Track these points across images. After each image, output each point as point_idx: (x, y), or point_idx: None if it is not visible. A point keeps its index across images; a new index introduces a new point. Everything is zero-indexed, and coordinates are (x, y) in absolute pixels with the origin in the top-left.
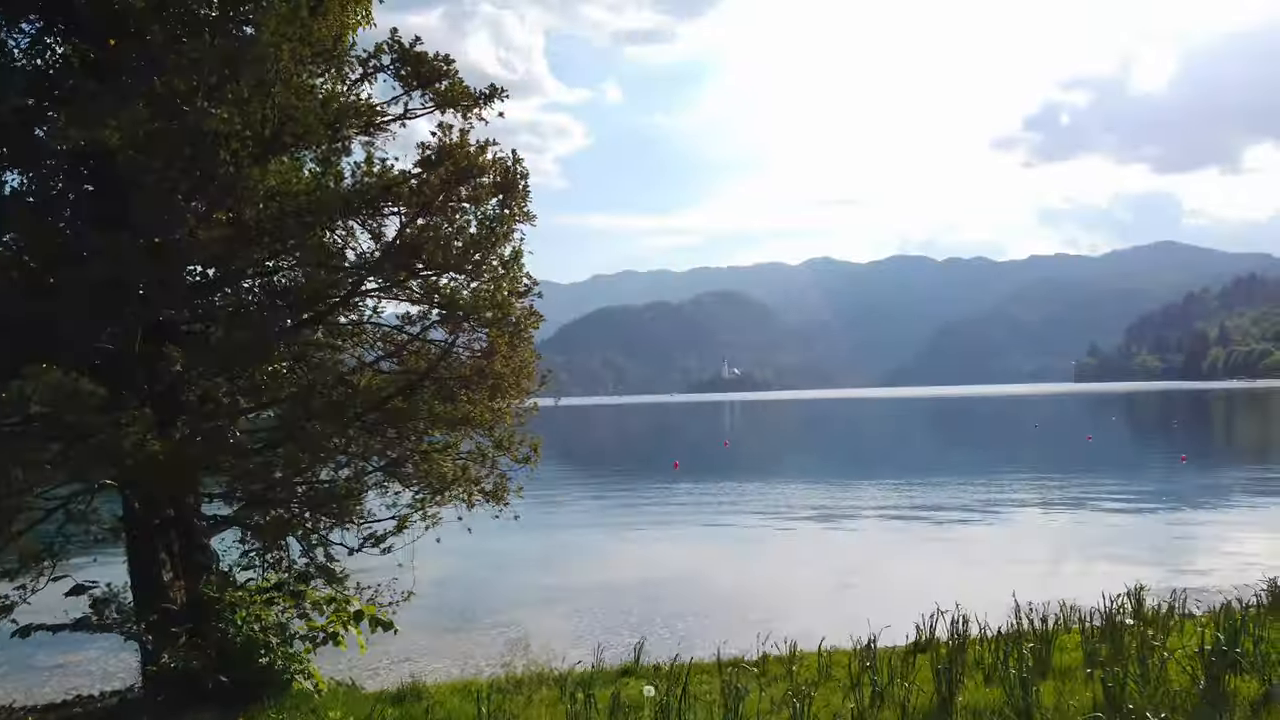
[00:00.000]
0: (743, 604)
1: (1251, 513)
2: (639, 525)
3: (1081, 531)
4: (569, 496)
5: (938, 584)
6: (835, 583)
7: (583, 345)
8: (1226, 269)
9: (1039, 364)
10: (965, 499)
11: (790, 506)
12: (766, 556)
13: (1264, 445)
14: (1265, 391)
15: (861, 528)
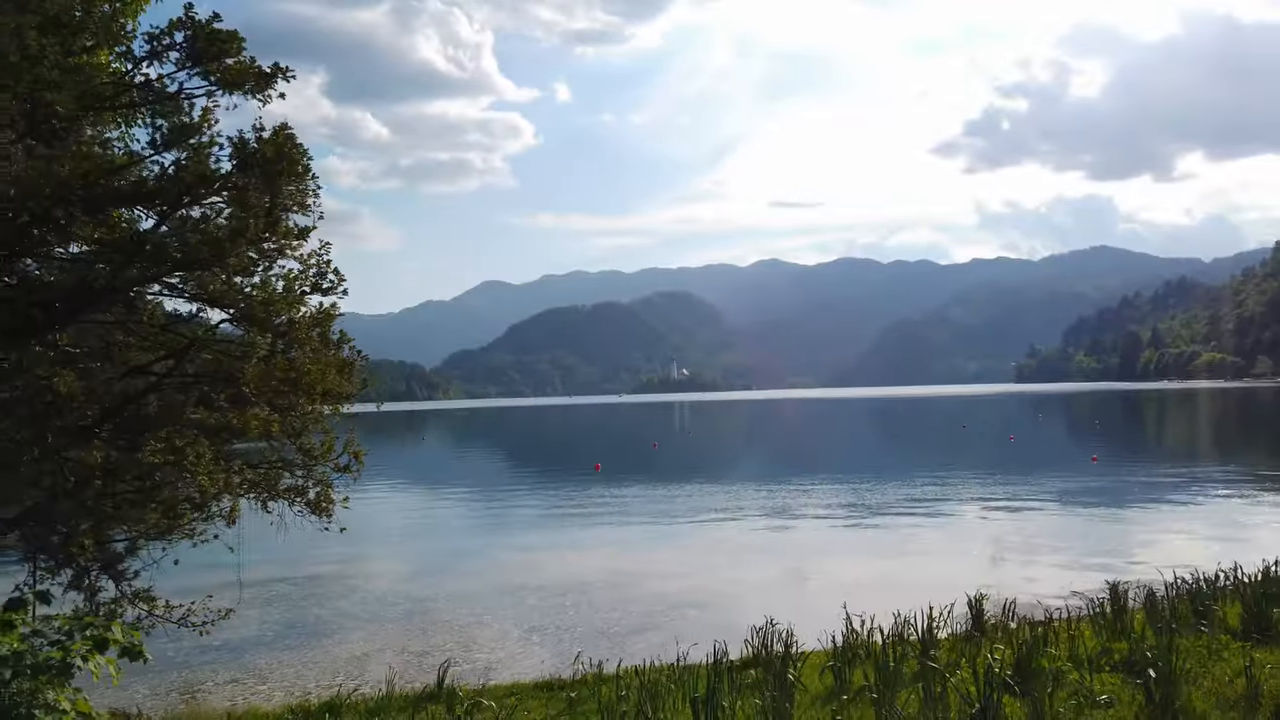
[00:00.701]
0: (608, 618)
1: (1141, 512)
2: (536, 530)
3: (966, 534)
4: (476, 501)
5: (784, 594)
6: (704, 592)
7: (532, 345)
8: (1159, 273)
9: (981, 365)
10: (867, 501)
11: (694, 510)
12: (651, 565)
13: (1176, 446)
14: (1193, 392)
15: (749, 532)
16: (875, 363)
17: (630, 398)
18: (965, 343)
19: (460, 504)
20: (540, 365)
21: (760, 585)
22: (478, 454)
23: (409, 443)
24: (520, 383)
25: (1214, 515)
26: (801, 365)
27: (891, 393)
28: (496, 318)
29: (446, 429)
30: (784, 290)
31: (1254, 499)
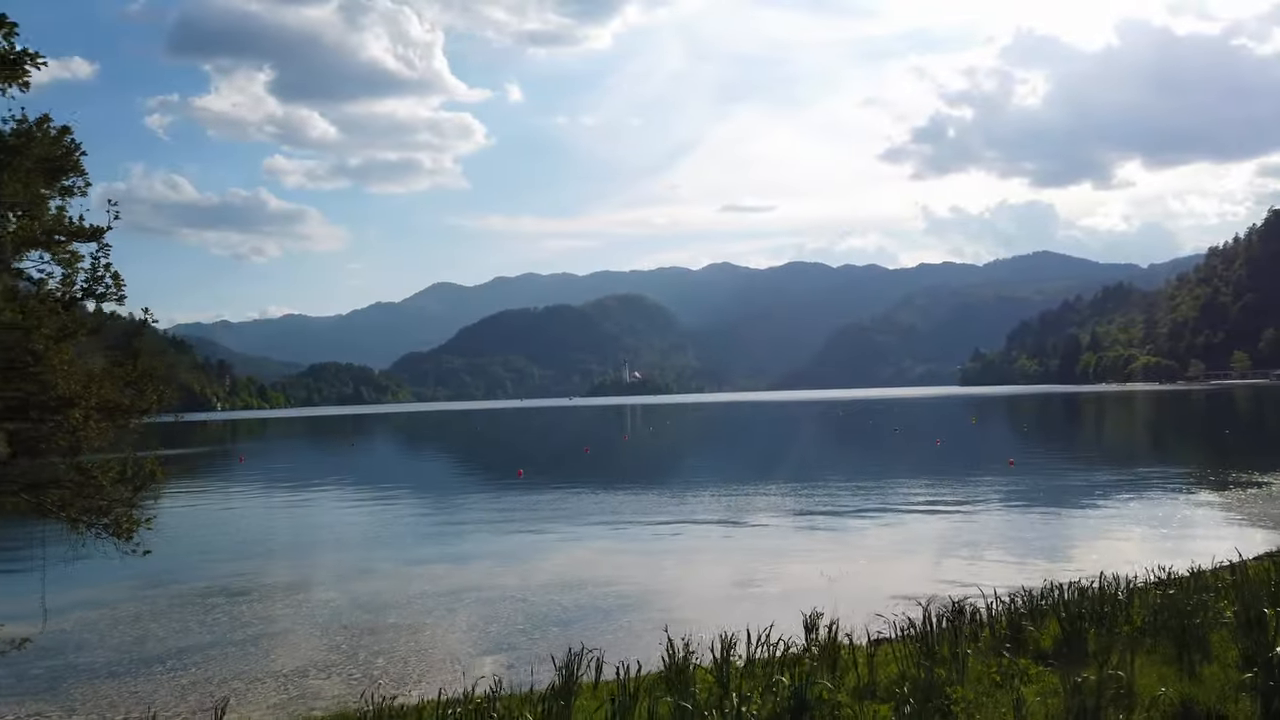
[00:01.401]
0: (453, 640)
1: (1034, 519)
2: (425, 542)
3: (851, 542)
4: (374, 509)
5: (677, 604)
6: (588, 605)
7: (483, 348)
8: (1098, 278)
9: (928, 368)
10: (771, 506)
11: (599, 515)
12: (555, 576)
13: (1095, 449)
14: (1128, 394)
15: (647, 539)
16: (825, 365)
17: (582, 401)
18: (913, 346)
19: (357, 513)
20: (492, 368)
21: (626, 597)
22: (402, 459)
23: (334, 449)
24: (471, 386)
25: (1106, 522)
26: (753, 368)
27: (840, 395)
28: (447, 320)
29: (383, 433)
30: (736, 293)
31: (1154, 503)
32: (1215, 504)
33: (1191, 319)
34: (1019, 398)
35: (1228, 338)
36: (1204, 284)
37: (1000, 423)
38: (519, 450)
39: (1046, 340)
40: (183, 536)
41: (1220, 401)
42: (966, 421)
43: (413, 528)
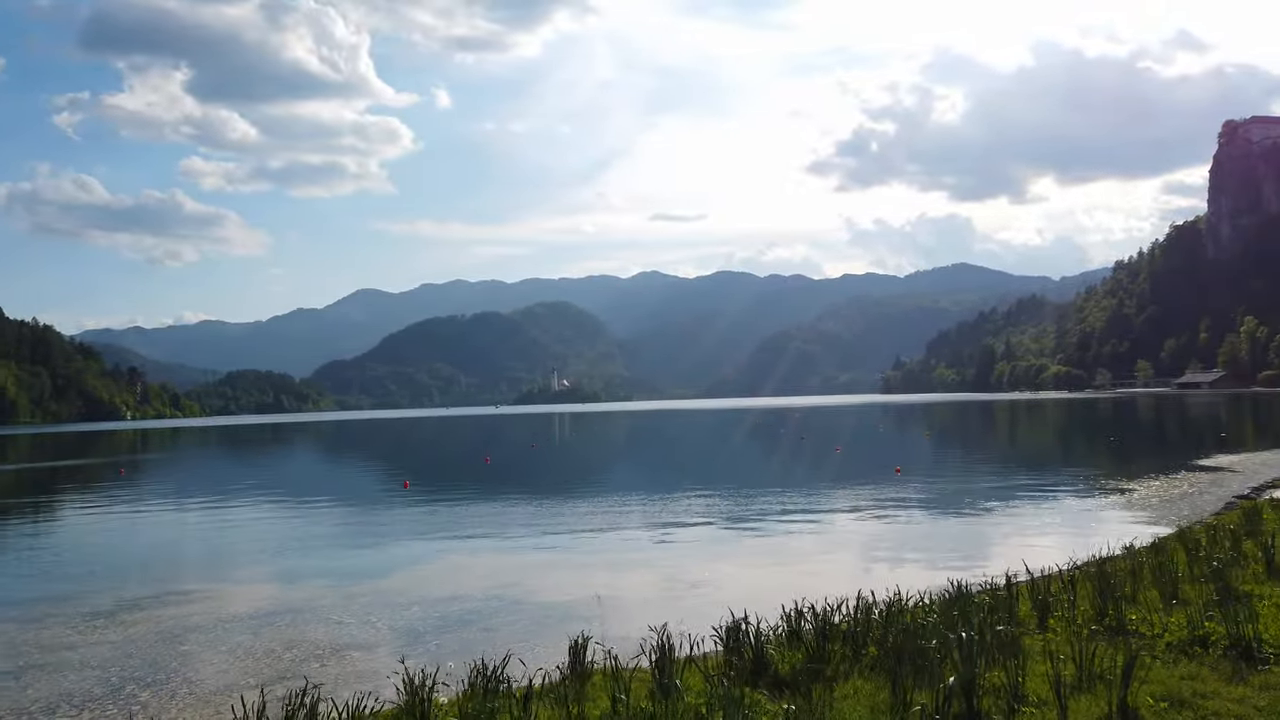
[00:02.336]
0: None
1: (898, 528)
2: (282, 556)
3: (720, 551)
4: (246, 522)
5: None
6: (422, 619)
7: (409, 355)
8: (1013, 290)
9: (852, 375)
10: (647, 517)
11: (475, 529)
12: (375, 595)
13: (988, 456)
14: (1037, 402)
15: (512, 550)
16: (752, 373)
17: (508, 409)
18: (837, 354)
19: (223, 526)
20: (418, 376)
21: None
22: (292, 470)
23: (230, 460)
24: (396, 394)
25: (959, 530)
26: (682, 376)
27: (765, 403)
28: (372, 327)
29: (289, 443)
30: (664, 302)
31: (1012, 512)
32: (1072, 510)
33: (1099, 329)
34: (932, 405)
35: (1132, 348)
36: (1110, 296)
37: (905, 430)
38: (420, 460)
39: (963, 349)
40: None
41: (1120, 409)
42: (874, 429)
43: (280, 543)
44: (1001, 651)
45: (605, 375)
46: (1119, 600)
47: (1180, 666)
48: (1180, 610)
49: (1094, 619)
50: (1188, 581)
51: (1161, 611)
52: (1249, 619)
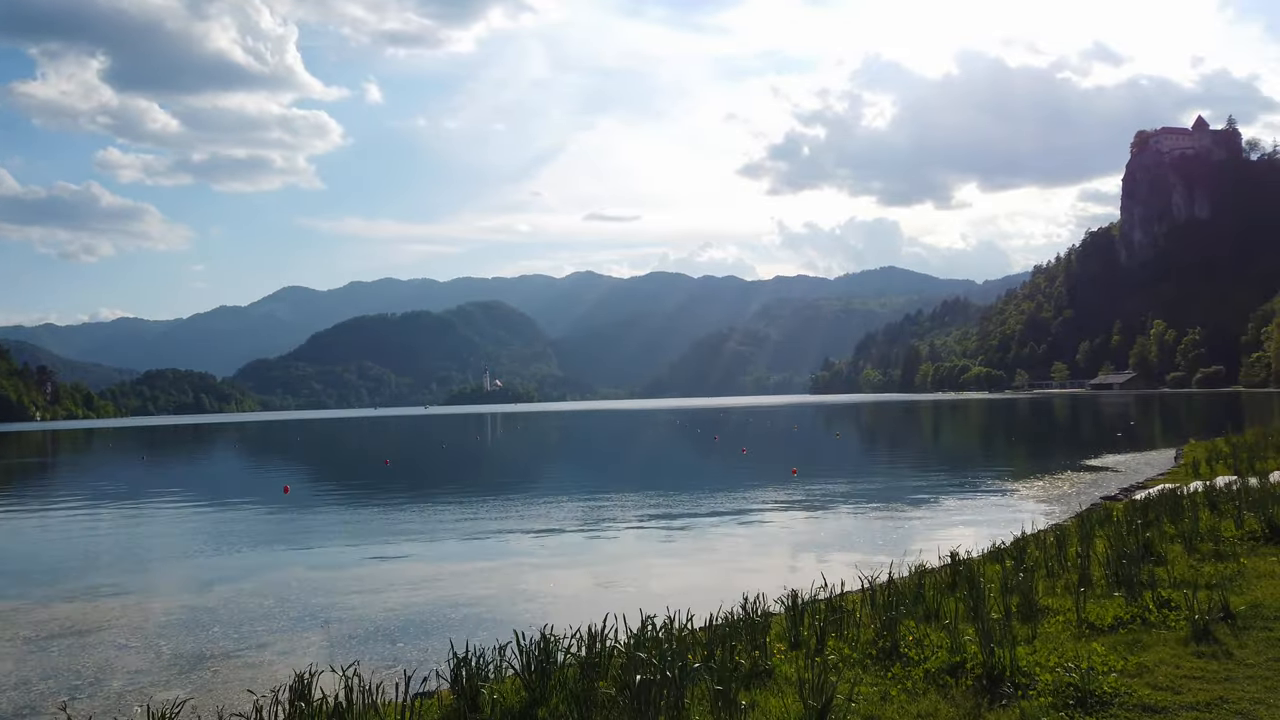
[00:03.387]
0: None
1: (774, 531)
2: (143, 567)
3: (601, 554)
4: (86, 531)
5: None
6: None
7: (337, 354)
8: (938, 293)
9: (782, 376)
10: (527, 520)
11: (347, 537)
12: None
13: (890, 456)
14: (962, 402)
15: (349, 559)
16: (685, 374)
17: (438, 409)
18: (768, 355)
19: (69, 536)
20: (346, 376)
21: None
22: (180, 474)
23: (122, 463)
24: (323, 394)
25: (835, 535)
26: (615, 376)
27: (696, 403)
28: (298, 326)
29: (191, 444)
30: (599, 302)
31: (891, 513)
32: (941, 513)
33: (1018, 332)
34: (855, 406)
35: (1049, 349)
36: (1029, 300)
37: (820, 430)
38: (318, 462)
39: (890, 351)
40: None
41: (1035, 409)
42: (790, 430)
43: (142, 551)
44: (746, 684)
45: (538, 375)
46: (894, 620)
47: (923, 700)
48: (942, 631)
49: (872, 640)
50: (997, 594)
51: (942, 631)
52: (1006, 642)
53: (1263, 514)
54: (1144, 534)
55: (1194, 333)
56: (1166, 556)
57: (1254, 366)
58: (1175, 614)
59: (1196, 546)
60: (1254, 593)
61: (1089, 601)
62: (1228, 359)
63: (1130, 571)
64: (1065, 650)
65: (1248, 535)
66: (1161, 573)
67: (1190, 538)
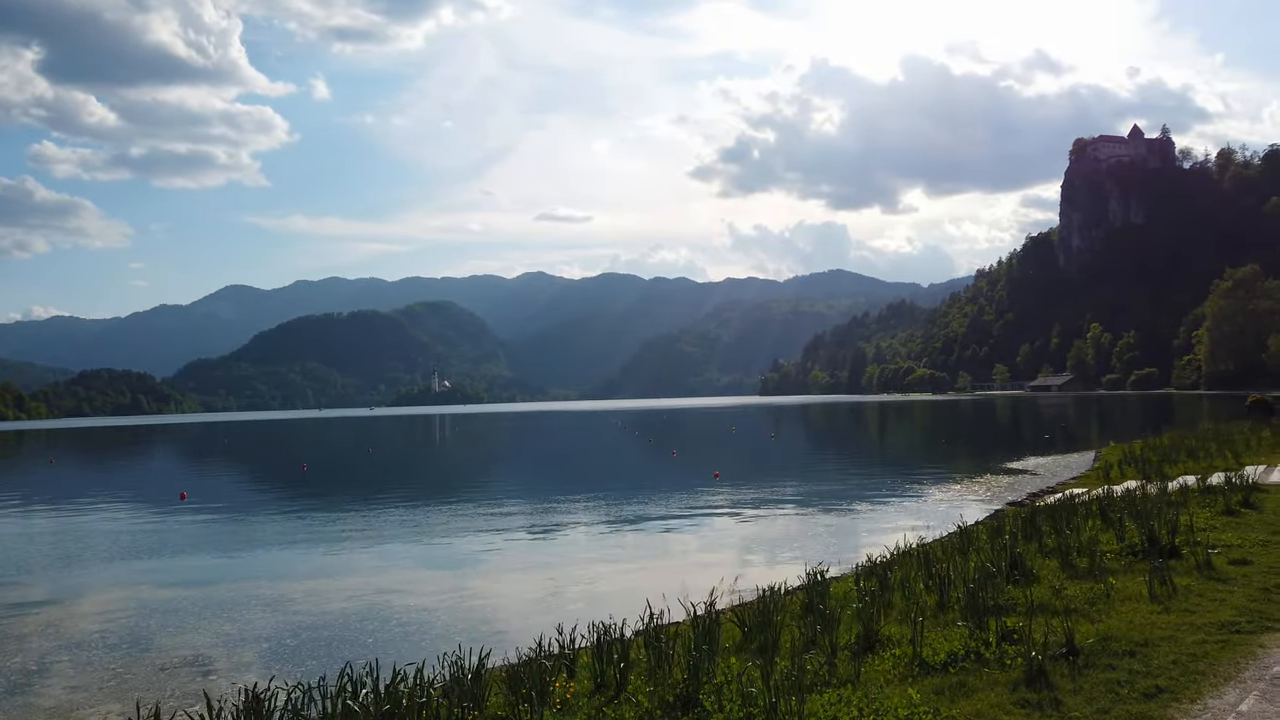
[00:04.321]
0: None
1: (672, 538)
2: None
3: (517, 562)
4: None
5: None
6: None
7: (281, 355)
8: (884, 295)
9: (732, 378)
10: (431, 527)
11: (239, 546)
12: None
13: (812, 461)
14: (904, 404)
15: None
16: (635, 375)
17: (384, 410)
18: (718, 356)
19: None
20: (290, 376)
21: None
22: (85, 477)
23: (26, 468)
24: (267, 395)
25: (729, 545)
26: (566, 377)
27: (646, 404)
28: (242, 325)
29: (112, 448)
30: (550, 303)
31: (800, 520)
32: (849, 519)
33: (961, 335)
34: (799, 407)
35: (991, 352)
36: (972, 303)
37: (757, 431)
38: (231, 466)
39: (838, 353)
40: None
41: (974, 410)
42: (728, 431)
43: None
44: None
45: (488, 376)
46: (703, 659)
47: None
48: (758, 670)
49: (679, 683)
50: (850, 620)
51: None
52: (818, 683)
53: (1144, 526)
54: (1016, 548)
55: (1129, 336)
56: (1038, 573)
57: (1185, 369)
58: (1016, 648)
59: (1073, 561)
60: (1111, 620)
61: (932, 632)
62: (1161, 361)
63: (980, 595)
64: (877, 700)
65: (1127, 550)
66: (1019, 594)
67: (1067, 551)
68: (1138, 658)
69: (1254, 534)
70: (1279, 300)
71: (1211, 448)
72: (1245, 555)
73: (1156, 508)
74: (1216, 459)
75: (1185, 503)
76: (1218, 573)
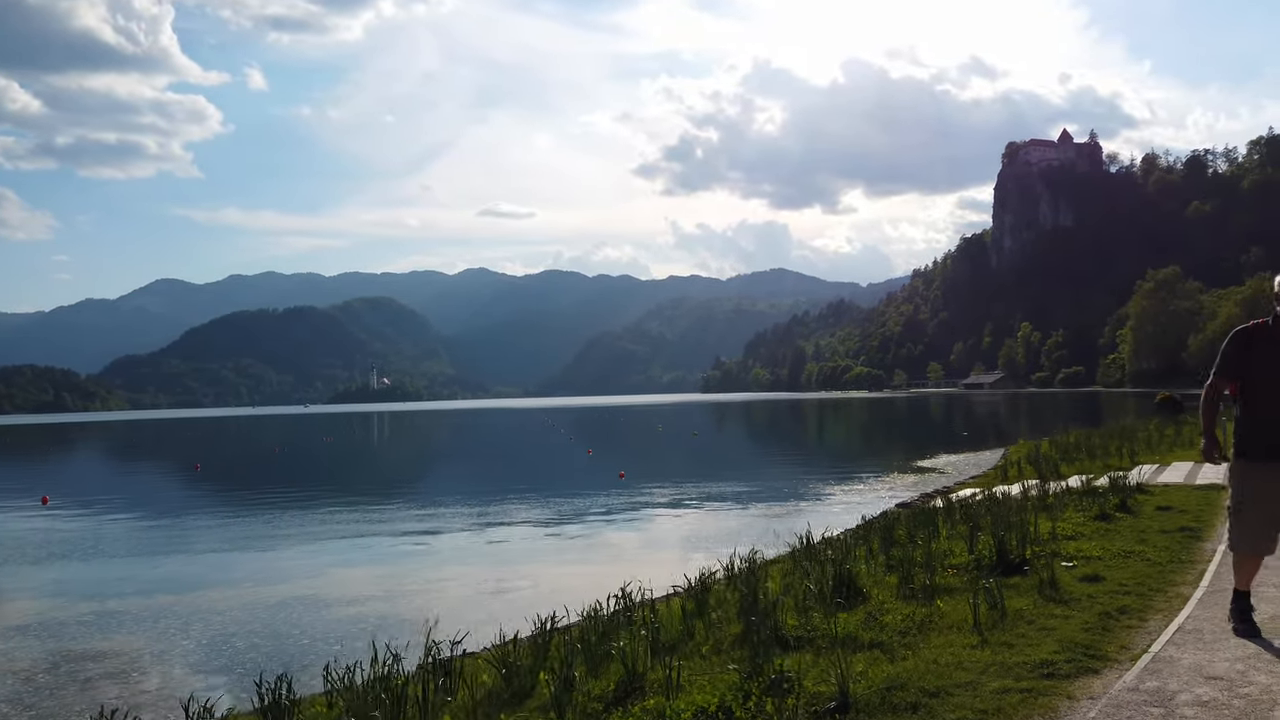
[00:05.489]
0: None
1: (558, 544)
2: None
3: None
4: None
5: None
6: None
7: (214, 351)
8: (824, 294)
9: (674, 375)
10: (307, 529)
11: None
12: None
13: (723, 460)
14: (843, 401)
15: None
16: (578, 373)
17: (318, 408)
18: (661, 354)
19: None
20: (223, 373)
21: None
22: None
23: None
24: (199, 392)
25: (609, 551)
26: (508, 375)
27: (583, 402)
28: (173, 320)
29: (10, 448)
30: (493, 300)
31: (686, 524)
32: (735, 521)
33: (897, 333)
34: (736, 405)
35: (926, 350)
36: (908, 302)
37: (681, 431)
38: (115, 466)
39: (778, 351)
40: None
41: (907, 407)
42: (654, 430)
43: None
44: None
45: (429, 374)
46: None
47: None
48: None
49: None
50: (644, 652)
51: None
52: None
53: (995, 536)
54: (847, 564)
55: (1057, 335)
56: (869, 592)
57: (1110, 367)
58: (785, 701)
59: (913, 576)
60: (921, 655)
61: (702, 676)
62: (1088, 360)
63: (763, 627)
64: None
65: (973, 563)
66: (821, 623)
67: (909, 565)
68: (920, 713)
69: (1119, 543)
70: (1198, 301)
71: (1112, 446)
72: (1100, 570)
73: (1019, 513)
74: (1113, 458)
75: (1061, 506)
76: (1061, 592)
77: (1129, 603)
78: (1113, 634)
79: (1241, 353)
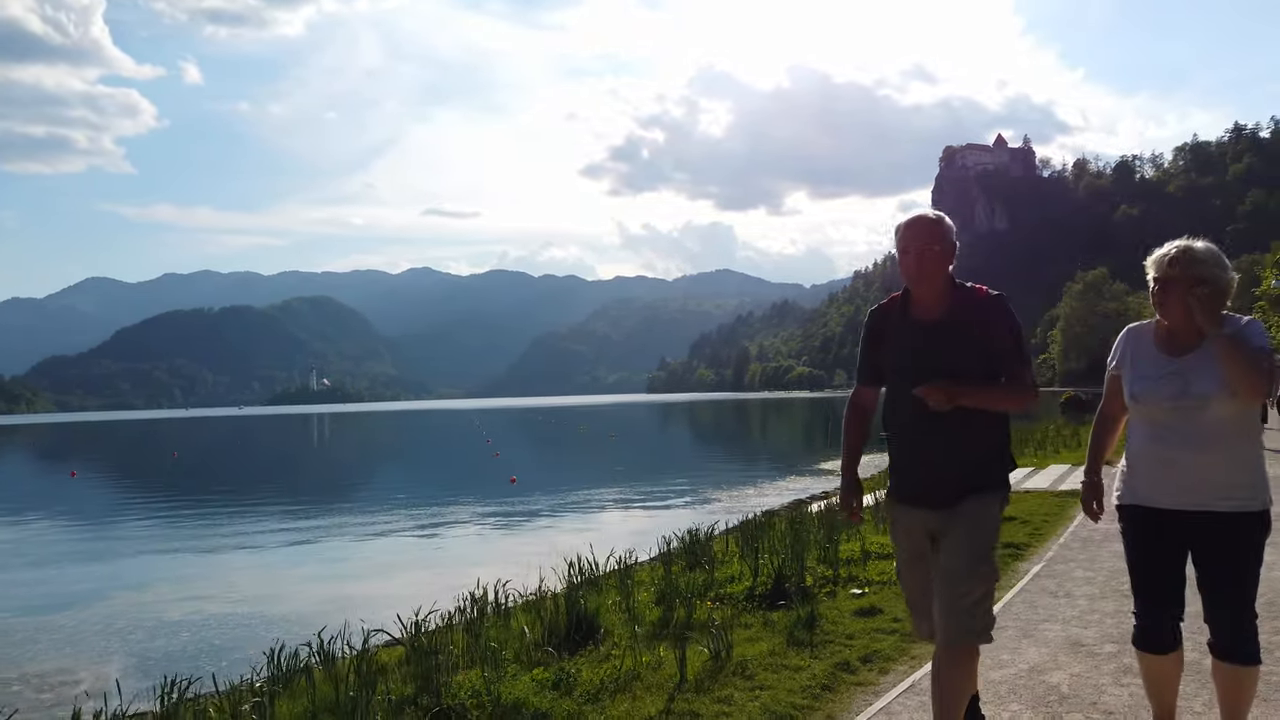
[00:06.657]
0: None
1: (444, 545)
2: None
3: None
4: None
5: None
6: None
7: (147, 352)
8: (769, 295)
9: (620, 376)
10: (175, 537)
11: None
12: None
13: (629, 463)
14: (784, 401)
15: None
16: (523, 373)
17: (253, 410)
18: (606, 354)
19: None
20: (156, 374)
21: None
22: None
23: None
24: (130, 394)
25: (459, 559)
26: (452, 375)
27: (522, 403)
28: (103, 320)
29: None
30: (436, 300)
31: (561, 528)
32: (612, 522)
33: (838, 334)
34: (672, 405)
35: None
36: (849, 303)
37: (602, 433)
38: (27, 472)
39: (723, 351)
40: None
41: (844, 407)
42: (575, 431)
43: None
44: None
45: (370, 374)
46: None
47: None
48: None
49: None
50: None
51: None
52: None
53: (778, 558)
54: (580, 599)
55: None
56: (607, 631)
57: (1041, 368)
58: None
59: (674, 611)
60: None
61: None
62: None
63: (437, 680)
64: None
65: (746, 593)
66: (521, 679)
67: (672, 595)
68: None
69: None
70: (1125, 302)
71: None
72: (885, 601)
73: (828, 530)
74: None
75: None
76: (816, 632)
77: (884, 646)
78: (833, 694)
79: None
